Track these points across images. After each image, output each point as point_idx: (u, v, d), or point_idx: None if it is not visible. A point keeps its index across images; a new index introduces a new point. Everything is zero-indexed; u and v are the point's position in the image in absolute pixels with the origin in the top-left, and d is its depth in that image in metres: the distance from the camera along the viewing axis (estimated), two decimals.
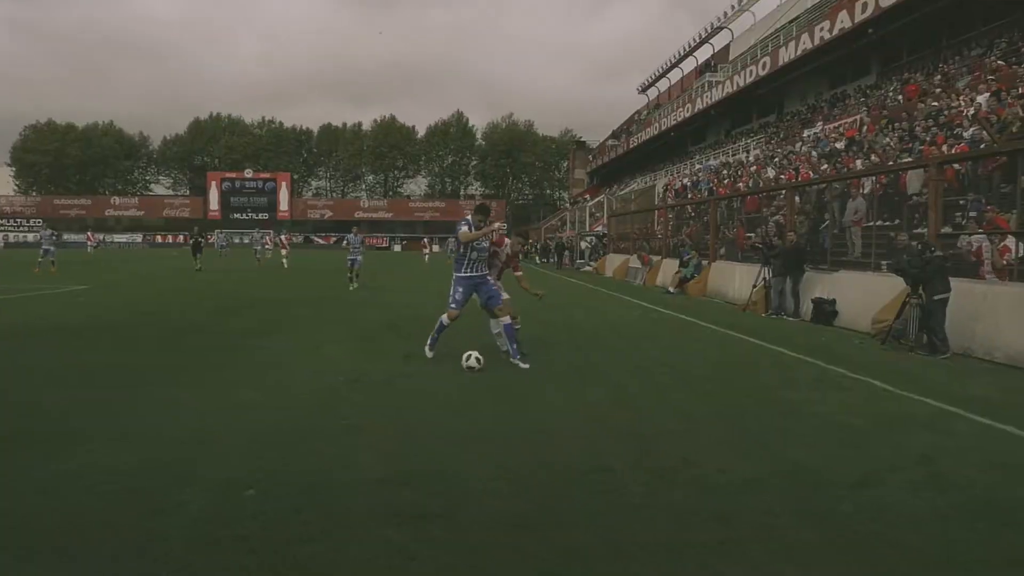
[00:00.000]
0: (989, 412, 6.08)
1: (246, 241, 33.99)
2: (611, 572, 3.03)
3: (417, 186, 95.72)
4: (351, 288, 18.60)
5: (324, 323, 11.63)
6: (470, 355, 7.52)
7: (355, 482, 4.09)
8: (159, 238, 78.59)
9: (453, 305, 8.01)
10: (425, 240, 51.70)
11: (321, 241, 78.82)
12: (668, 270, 22.30)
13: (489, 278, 8.15)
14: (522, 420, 5.58)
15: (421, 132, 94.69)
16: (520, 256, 8.93)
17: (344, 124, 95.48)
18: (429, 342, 8.27)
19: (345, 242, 22.03)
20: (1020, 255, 10.39)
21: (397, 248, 79.01)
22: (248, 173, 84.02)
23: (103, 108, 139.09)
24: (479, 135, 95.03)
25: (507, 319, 7.97)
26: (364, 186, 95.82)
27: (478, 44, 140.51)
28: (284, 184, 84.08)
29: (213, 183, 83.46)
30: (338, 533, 3.40)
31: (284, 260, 32.51)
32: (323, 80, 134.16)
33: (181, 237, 78.68)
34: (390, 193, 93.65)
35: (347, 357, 8.42)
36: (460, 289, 8.00)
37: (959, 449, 5.02)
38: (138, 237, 78.96)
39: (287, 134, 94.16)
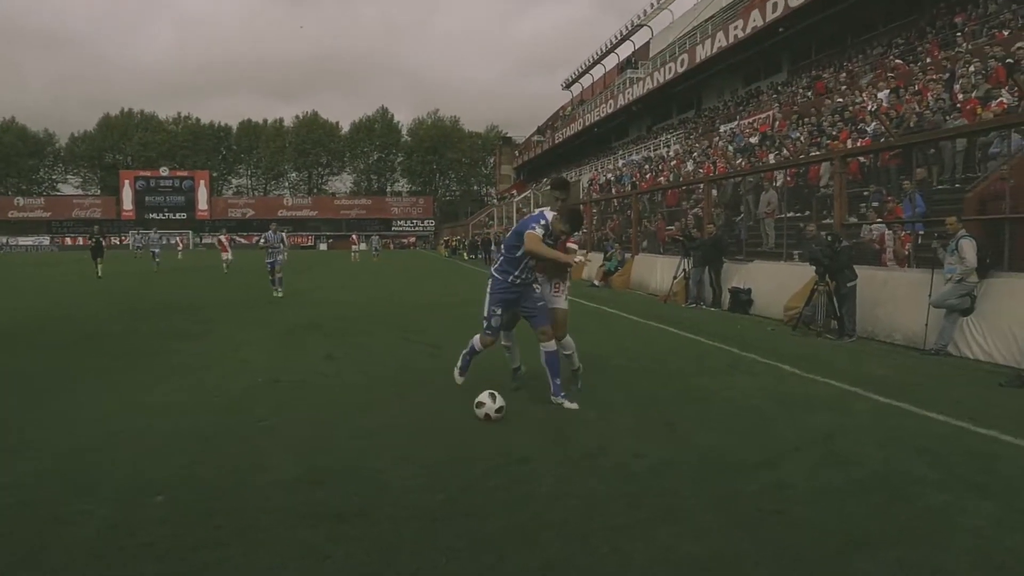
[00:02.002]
0: (887, 391, 6.44)
1: (160, 242, 30.62)
2: (523, 558, 3.07)
3: (342, 183, 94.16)
4: (276, 295, 16.14)
5: (244, 324, 11.32)
6: (482, 403, 5.41)
7: (269, 484, 4.02)
8: (68, 240, 74.77)
9: (489, 332, 6.02)
10: (354, 237, 50.83)
11: (243, 241, 76.66)
12: (592, 263, 22.66)
13: (536, 286, 6.03)
14: (439, 414, 5.59)
15: (345, 128, 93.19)
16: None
17: (265, 120, 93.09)
18: (460, 365, 6.36)
19: (262, 240, 18.95)
20: (919, 243, 11.04)
21: (323, 247, 77.55)
22: (164, 171, 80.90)
23: (3, 103, 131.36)
24: (405, 131, 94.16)
25: (551, 345, 5.83)
26: (287, 184, 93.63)
27: (403, 39, 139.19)
28: (203, 182, 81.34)
29: (126, 182, 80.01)
30: (250, 535, 3.33)
31: (224, 264, 27.83)
32: (242, 75, 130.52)
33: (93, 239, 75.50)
34: (314, 191, 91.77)
35: (266, 358, 8.23)
36: (498, 309, 5.96)
37: (858, 427, 5.30)
38: (45, 239, 75.03)
39: (204, 131, 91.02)
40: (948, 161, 12.77)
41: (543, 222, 5.83)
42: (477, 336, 6.12)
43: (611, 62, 57.58)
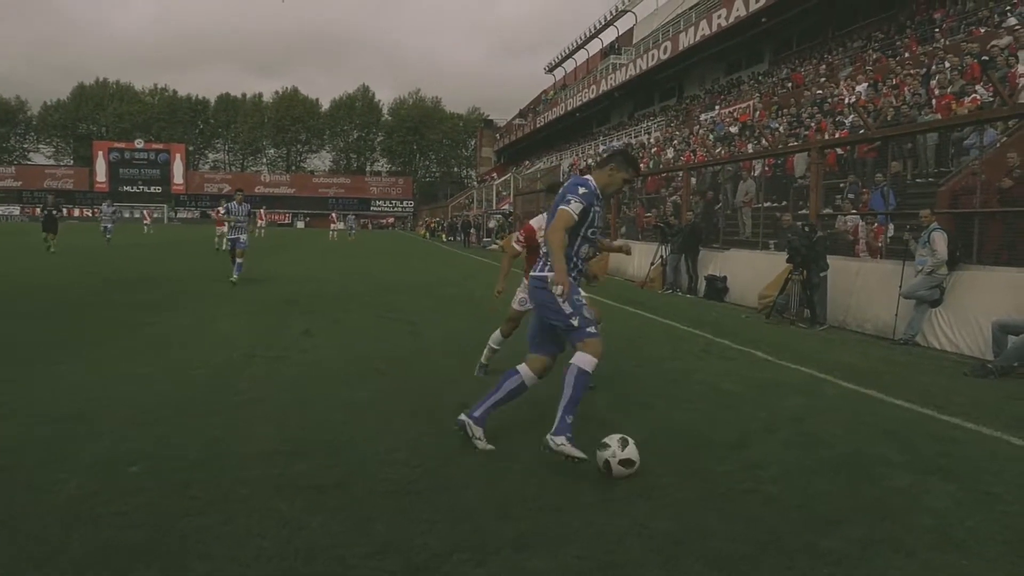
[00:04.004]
0: (855, 378, 6.59)
1: (114, 216, 28.69)
2: (498, 531, 3.12)
3: (321, 161, 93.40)
4: (231, 279, 13.35)
5: (221, 299, 11.24)
6: (612, 455, 3.86)
7: (247, 455, 4.02)
8: (39, 211, 73.40)
9: (592, 330, 4.12)
10: (333, 216, 50.28)
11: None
12: None
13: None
14: (418, 390, 5.62)
15: (325, 106, 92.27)
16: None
17: (244, 95, 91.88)
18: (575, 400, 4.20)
19: (224, 211, 14.88)
20: (891, 235, 11.23)
21: (300, 224, 76.90)
22: (139, 143, 79.56)
23: None
24: (385, 110, 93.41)
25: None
26: (265, 160, 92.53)
27: (386, 18, 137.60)
28: (179, 156, 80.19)
29: (100, 153, 78.61)
30: (226, 506, 3.34)
31: (218, 239, 24.40)
32: (221, 47, 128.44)
33: (64, 210, 74.00)
34: (293, 168, 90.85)
35: (244, 332, 8.19)
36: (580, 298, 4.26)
37: (827, 411, 5.42)
38: (15, 209, 73.54)
39: (181, 103, 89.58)
40: (922, 155, 12.98)
41: (583, 190, 4.11)
42: (581, 356, 4.01)
43: (595, 47, 57.50)
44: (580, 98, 52.65)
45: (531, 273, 4.42)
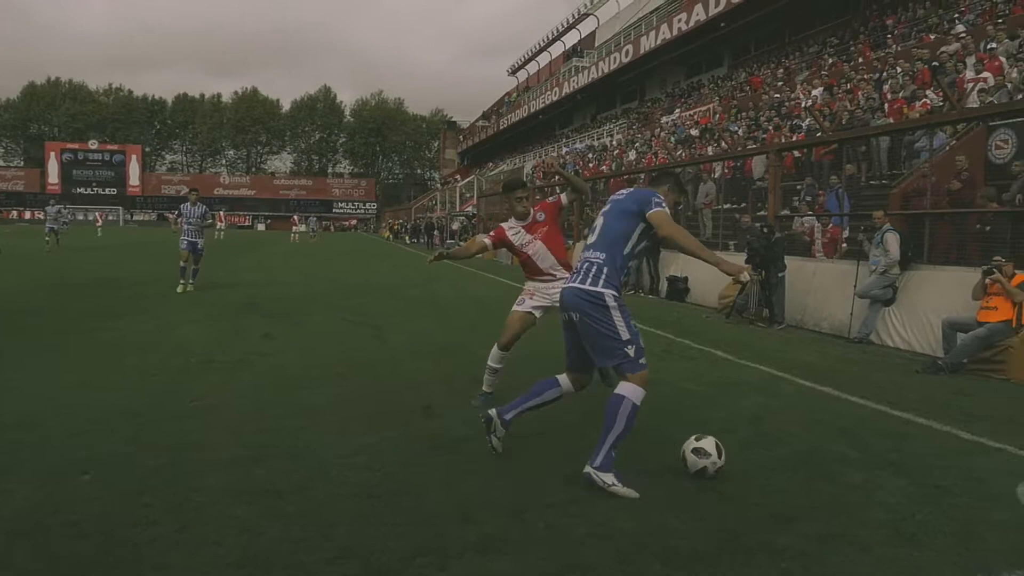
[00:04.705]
0: (812, 376, 6.73)
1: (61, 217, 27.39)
2: (461, 534, 3.11)
3: (282, 163, 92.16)
4: (179, 288, 12.37)
5: (178, 304, 11.01)
6: (713, 463, 3.90)
7: (204, 463, 3.95)
8: None
9: (643, 362, 3.90)
10: (294, 218, 49.60)
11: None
12: None
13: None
14: (380, 395, 5.58)
15: (286, 107, 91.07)
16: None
17: (202, 95, 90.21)
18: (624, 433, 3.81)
19: (176, 215, 13.50)
20: (847, 236, 11.49)
21: (261, 227, 75.82)
22: (93, 144, 77.55)
23: None
24: (348, 112, 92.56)
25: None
26: (225, 161, 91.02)
27: (348, 18, 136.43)
28: (135, 157, 78.44)
29: (52, 154, 76.48)
30: (183, 514, 3.28)
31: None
32: (178, 47, 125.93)
33: (15, 212, 71.96)
34: (253, 169, 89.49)
35: (202, 337, 8.04)
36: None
37: (785, 409, 5.52)
38: None
39: (137, 103, 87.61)
40: (876, 158, 13.31)
41: (658, 199, 3.96)
42: (632, 389, 3.76)
43: (557, 50, 57.79)
44: (543, 100, 52.85)
45: (577, 285, 3.88)
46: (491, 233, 5.62)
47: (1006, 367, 6.99)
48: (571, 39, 55.17)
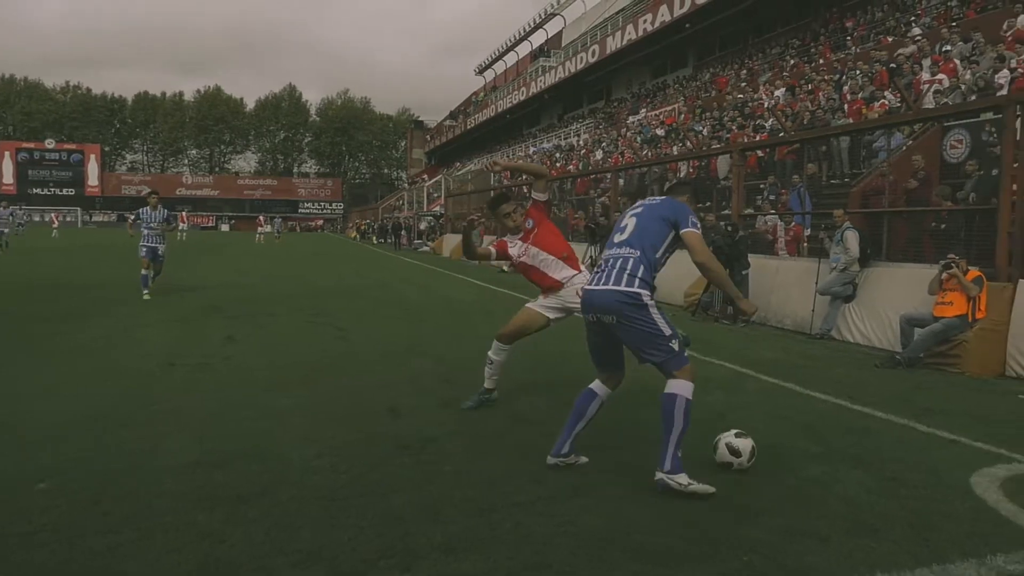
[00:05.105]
0: (775, 372, 6.84)
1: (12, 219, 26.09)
2: (427, 535, 3.10)
3: (246, 162, 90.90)
4: (146, 297, 11.57)
5: (139, 307, 10.79)
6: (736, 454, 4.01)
7: (164, 468, 3.88)
8: None
9: (686, 356, 3.95)
10: (260, 218, 48.91)
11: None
12: None
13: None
14: (346, 397, 5.53)
15: (250, 105, 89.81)
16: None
17: (163, 93, 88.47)
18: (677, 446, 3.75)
19: (133, 218, 12.51)
20: (808, 234, 11.70)
21: (225, 227, 74.73)
22: (50, 143, 75.61)
23: None
24: (313, 111, 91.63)
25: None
26: (187, 161, 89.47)
27: (314, 15, 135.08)
28: (93, 157, 76.62)
29: (7, 154, 74.37)
30: (143, 521, 3.21)
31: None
32: (139, 44, 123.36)
33: None
34: (216, 169, 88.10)
35: (163, 341, 7.90)
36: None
37: (748, 405, 5.60)
38: None
39: (96, 102, 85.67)
40: (836, 157, 13.57)
41: (695, 219, 3.91)
42: (682, 384, 3.80)
43: (524, 49, 57.91)
44: (510, 100, 52.91)
45: (611, 287, 3.80)
46: (495, 242, 5.37)
47: (961, 361, 7.17)
48: (538, 39, 55.35)
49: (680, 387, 3.74)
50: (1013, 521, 3.37)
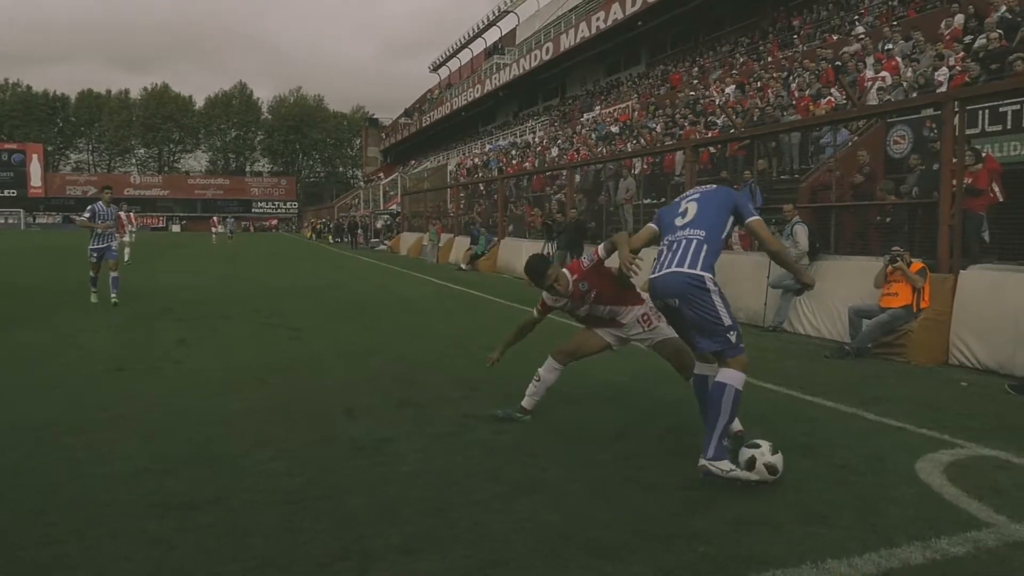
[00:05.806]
0: None
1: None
2: (384, 536, 3.08)
3: (197, 162, 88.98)
4: (112, 300, 11.04)
5: (85, 311, 10.47)
6: (762, 454, 3.68)
7: (112, 476, 3.77)
8: None
9: (742, 345, 3.92)
10: (214, 219, 47.78)
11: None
12: (460, 247, 22.76)
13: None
14: (300, 399, 5.46)
15: (200, 103, 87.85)
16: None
17: (108, 91, 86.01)
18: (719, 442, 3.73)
19: (88, 215, 11.15)
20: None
21: (176, 228, 73.06)
22: None
23: None
24: (265, 109, 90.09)
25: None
26: (135, 160, 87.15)
27: (263, 12, 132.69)
28: (36, 156, 74.11)
29: None
30: (89, 531, 3.12)
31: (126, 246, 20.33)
32: (81, 41, 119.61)
33: None
34: (166, 168, 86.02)
35: (110, 345, 7.69)
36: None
37: None
38: None
39: (37, 100, 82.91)
40: (786, 153, 13.86)
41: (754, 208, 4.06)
42: (734, 375, 3.76)
43: (478, 47, 57.80)
44: (465, 97, 52.80)
45: (675, 269, 3.78)
46: (538, 305, 5.02)
47: (906, 350, 7.39)
48: (492, 36, 55.29)
49: (732, 377, 3.74)
50: (956, 504, 3.49)
